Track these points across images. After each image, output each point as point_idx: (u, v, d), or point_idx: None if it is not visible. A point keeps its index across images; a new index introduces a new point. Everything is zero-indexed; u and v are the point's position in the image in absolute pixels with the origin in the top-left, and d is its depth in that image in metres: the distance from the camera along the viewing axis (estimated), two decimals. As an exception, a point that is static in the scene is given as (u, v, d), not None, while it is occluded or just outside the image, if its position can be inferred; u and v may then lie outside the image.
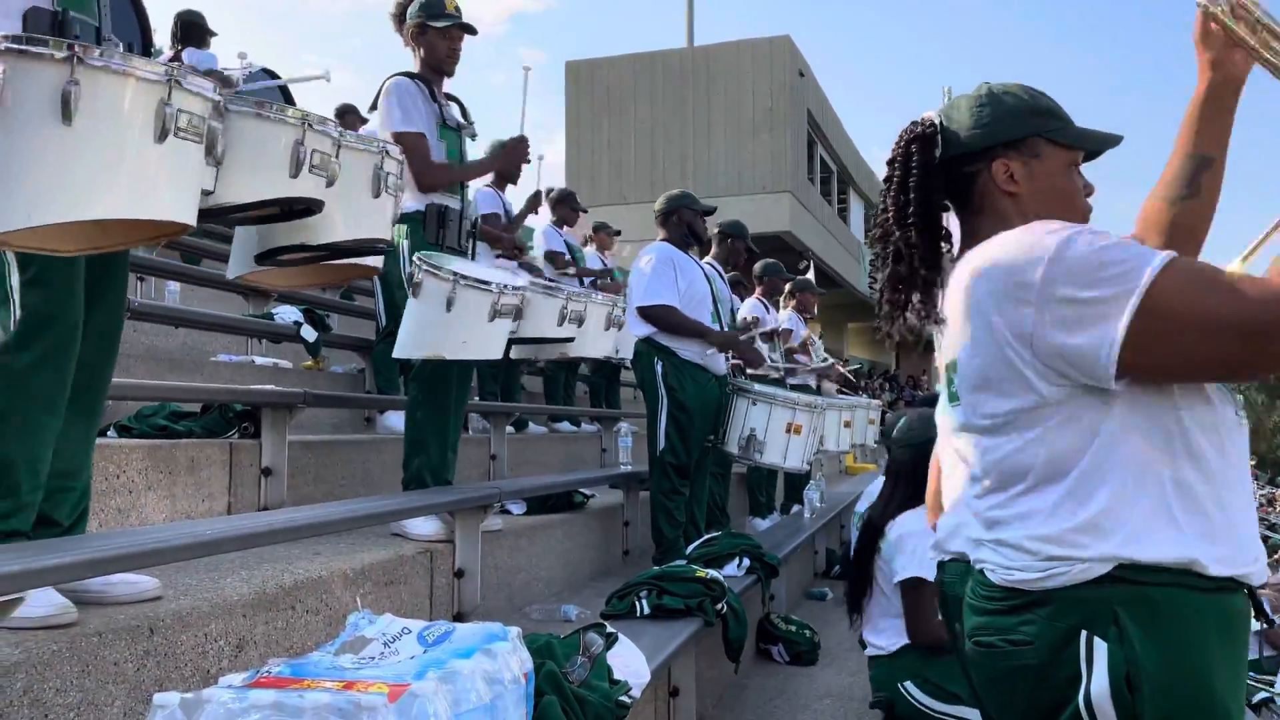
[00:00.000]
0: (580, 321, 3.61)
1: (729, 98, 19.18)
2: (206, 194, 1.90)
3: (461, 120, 3.62)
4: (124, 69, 1.66)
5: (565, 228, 7.36)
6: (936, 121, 1.44)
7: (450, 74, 3.58)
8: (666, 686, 3.20)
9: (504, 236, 5.04)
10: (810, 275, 7.84)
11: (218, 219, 2.11)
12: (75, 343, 2.01)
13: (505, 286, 3.17)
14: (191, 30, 6.39)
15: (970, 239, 1.41)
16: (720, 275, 5.20)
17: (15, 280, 1.91)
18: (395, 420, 4.69)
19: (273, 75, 5.94)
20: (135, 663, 1.87)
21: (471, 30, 3.55)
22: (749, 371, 5.23)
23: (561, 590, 3.96)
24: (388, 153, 2.39)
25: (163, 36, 6.77)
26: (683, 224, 4.59)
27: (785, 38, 19.29)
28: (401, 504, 3.10)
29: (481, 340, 3.17)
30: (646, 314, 4.36)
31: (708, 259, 5.32)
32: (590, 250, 7.98)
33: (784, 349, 6.56)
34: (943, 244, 1.44)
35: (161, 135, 1.69)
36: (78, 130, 1.62)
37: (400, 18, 3.58)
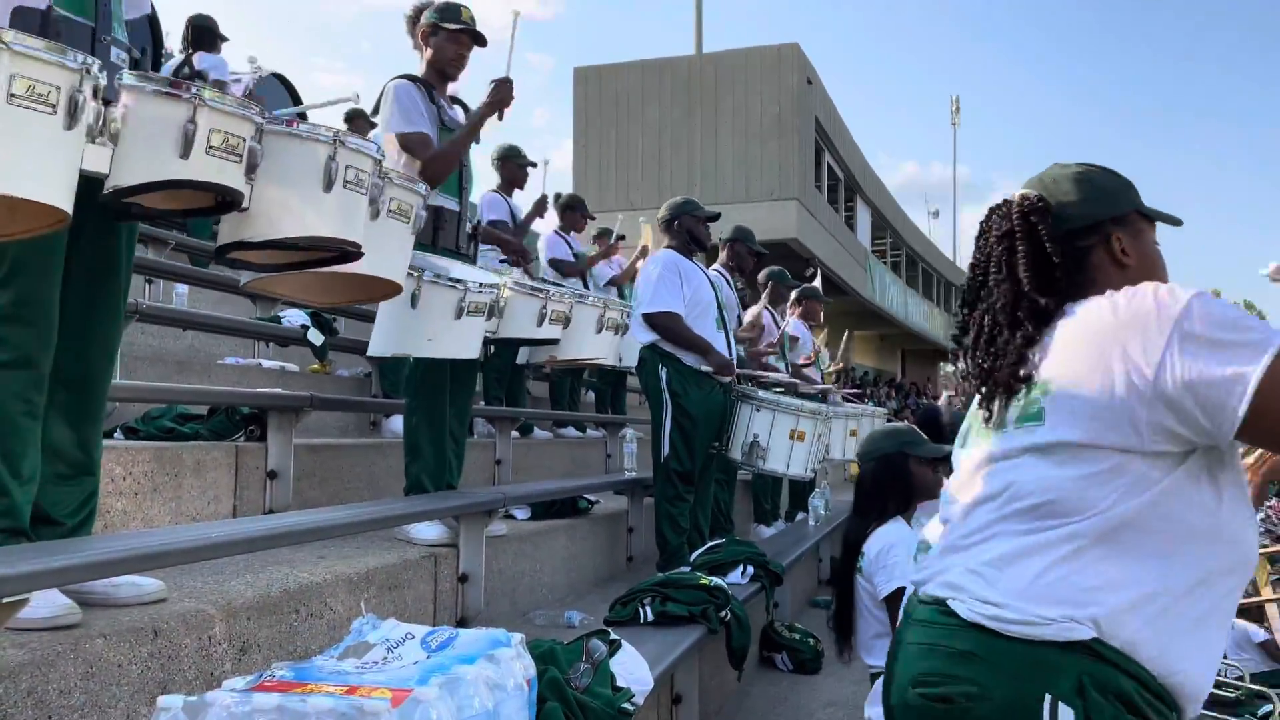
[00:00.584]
0: (565, 322, 3.55)
1: (737, 105, 19.19)
2: (104, 178, 1.80)
3: (463, 122, 3.62)
4: None
5: (572, 234, 7.37)
6: (1044, 197, 1.46)
7: (454, 79, 3.59)
8: (669, 694, 3.20)
9: (510, 240, 5.01)
10: (817, 282, 7.84)
11: (138, 207, 1.87)
12: (51, 342, 1.99)
13: (471, 284, 3.10)
14: (203, 35, 6.43)
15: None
16: (727, 281, 5.21)
17: None
18: (400, 424, 4.70)
19: (284, 81, 5.98)
20: (139, 665, 1.88)
21: (482, 42, 3.57)
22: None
23: (565, 596, 3.96)
24: (342, 143, 2.14)
25: (174, 41, 6.81)
26: (683, 230, 4.59)
27: (794, 45, 19.31)
28: (406, 508, 3.10)
29: (450, 338, 3.08)
30: (651, 321, 4.37)
31: (716, 265, 5.33)
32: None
33: (795, 362, 6.56)
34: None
35: None
36: None
37: (415, 20, 3.59)
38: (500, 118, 3.48)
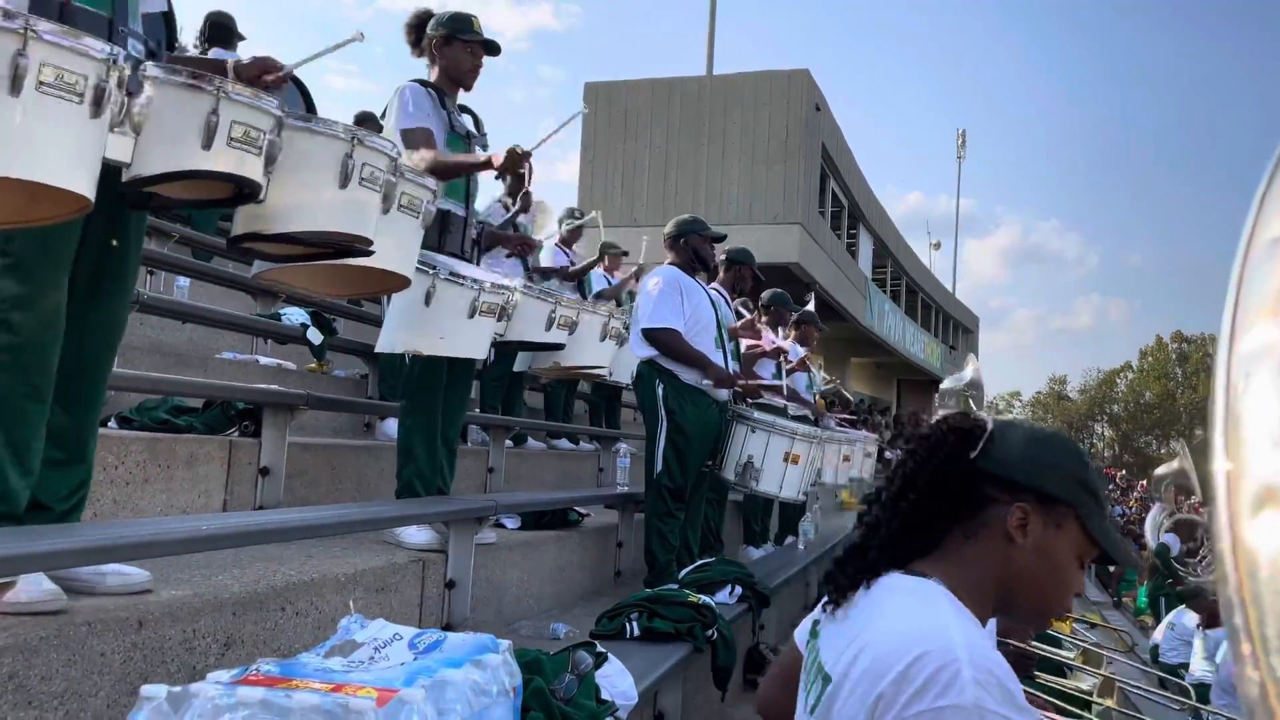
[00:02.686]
0: (572, 328, 3.57)
1: (744, 127, 19.28)
2: (125, 167, 1.83)
3: (473, 130, 3.64)
4: None
5: (572, 247, 7.39)
6: (990, 429, 1.35)
7: (468, 88, 3.60)
8: (653, 710, 3.18)
9: (510, 236, 4.90)
10: (810, 307, 7.85)
11: (159, 197, 1.93)
12: (57, 328, 1.99)
13: (485, 283, 3.10)
14: (220, 32, 6.44)
15: (941, 551, 1.34)
16: (726, 301, 5.22)
17: None
18: (394, 427, 4.69)
19: (296, 82, 5.98)
20: (122, 655, 1.87)
21: (495, 51, 3.59)
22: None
23: (551, 608, 3.94)
24: (360, 141, 2.19)
25: (188, 36, 6.83)
26: (689, 248, 4.60)
27: (804, 71, 19.41)
28: (397, 511, 3.09)
29: (461, 337, 3.09)
30: (651, 336, 4.37)
31: (714, 285, 5.34)
32: (598, 270, 7.99)
33: (785, 368, 6.56)
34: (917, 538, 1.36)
35: (14, 88, 1.56)
36: None
37: (418, 27, 3.57)
38: (500, 178, 3.51)
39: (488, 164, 3.33)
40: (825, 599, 1.36)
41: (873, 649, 1.22)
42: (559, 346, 3.57)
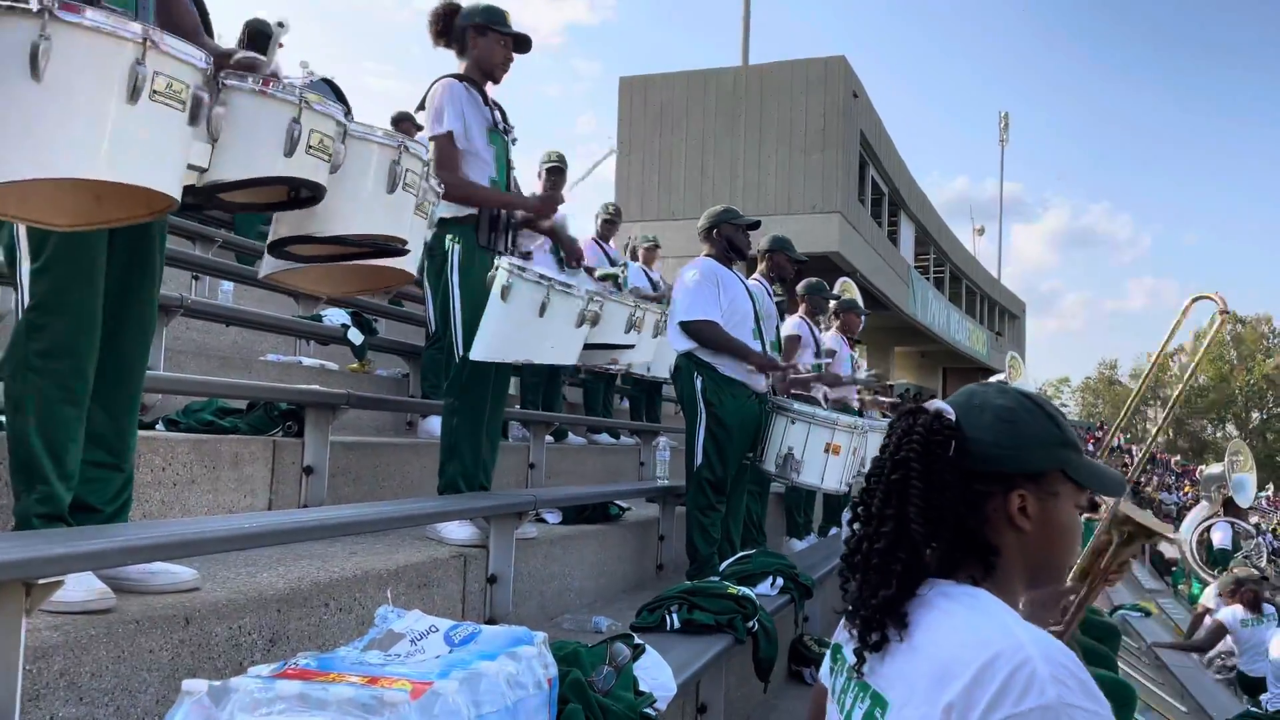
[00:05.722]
0: (640, 329, 3.71)
1: (781, 117, 19.16)
2: (201, 171, 1.86)
3: (505, 124, 3.65)
4: (96, 25, 1.60)
5: (608, 242, 7.40)
6: (953, 419, 1.30)
7: (498, 81, 3.59)
8: (694, 703, 3.18)
9: (565, 238, 4.60)
10: (836, 289, 7.74)
11: (217, 199, 1.98)
12: (93, 332, 2.01)
13: (592, 294, 3.27)
14: (257, 38, 6.52)
15: (952, 560, 1.30)
16: (767, 292, 5.18)
17: (26, 268, 1.94)
18: (436, 425, 4.73)
19: (333, 85, 6.06)
20: (170, 651, 1.91)
21: (527, 47, 3.59)
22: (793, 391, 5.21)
23: (594, 601, 3.96)
24: (406, 148, 2.29)
25: (227, 44, 6.94)
26: (722, 239, 4.57)
27: (840, 58, 19.24)
28: (438, 507, 3.12)
29: (566, 345, 3.25)
30: (689, 329, 4.36)
31: (755, 276, 5.31)
32: (636, 264, 8.00)
33: (828, 368, 6.51)
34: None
35: (133, 95, 1.63)
36: (45, 87, 1.56)
37: (445, 17, 3.54)
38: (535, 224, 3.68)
39: (523, 208, 3.57)
40: (857, 629, 1.32)
41: (932, 659, 1.19)
42: (631, 346, 3.66)
